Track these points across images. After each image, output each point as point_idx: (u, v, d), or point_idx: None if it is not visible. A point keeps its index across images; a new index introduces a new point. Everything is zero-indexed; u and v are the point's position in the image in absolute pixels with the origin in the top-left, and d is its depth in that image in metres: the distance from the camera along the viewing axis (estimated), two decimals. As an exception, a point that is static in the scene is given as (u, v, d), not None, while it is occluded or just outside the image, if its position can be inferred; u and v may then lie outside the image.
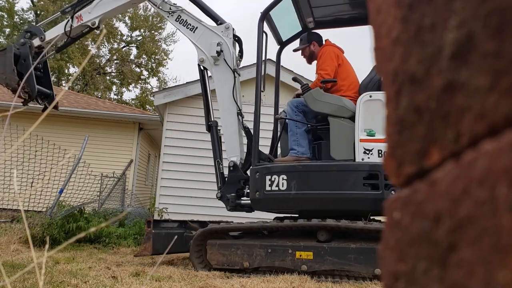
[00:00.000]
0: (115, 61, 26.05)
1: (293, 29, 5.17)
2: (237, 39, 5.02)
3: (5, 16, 23.42)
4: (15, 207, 8.73)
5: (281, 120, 4.74)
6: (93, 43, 22.28)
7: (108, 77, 26.17)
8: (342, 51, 4.62)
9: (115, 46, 25.64)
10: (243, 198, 4.71)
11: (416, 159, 0.31)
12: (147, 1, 5.30)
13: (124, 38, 25.79)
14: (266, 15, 4.57)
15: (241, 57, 5.11)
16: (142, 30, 25.81)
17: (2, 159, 1.09)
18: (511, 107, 0.24)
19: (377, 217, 4.24)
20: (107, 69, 26.01)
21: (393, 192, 3.61)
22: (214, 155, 4.95)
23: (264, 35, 4.69)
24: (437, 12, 0.29)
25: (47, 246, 0.99)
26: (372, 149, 3.94)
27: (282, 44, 5.38)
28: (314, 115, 4.43)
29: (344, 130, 4.10)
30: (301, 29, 5.11)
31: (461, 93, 0.27)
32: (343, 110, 4.15)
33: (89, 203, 7.41)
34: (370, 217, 4.02)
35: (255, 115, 4.54)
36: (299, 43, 4.93)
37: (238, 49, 5.07)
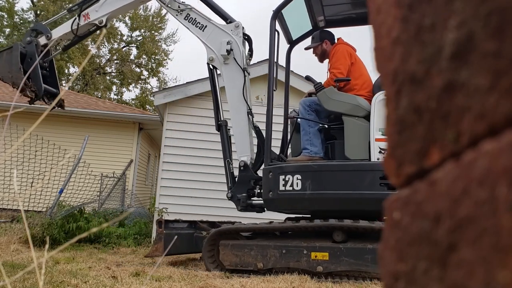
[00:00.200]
0: (115, 61, 26.05)
1: (303, 28, 5.11)
2: (246, 38, 4.98)
3: (5, 16, 23.41)
4: (15, 207, 8.72)
5: (292, 120, 4.69)
6: (93, 43, 22.28)
7: (108, 77, 26.17)
8: (354, 49, 4.57)
9: (115, 46, 25.64)
10: (253, 198, 4.66)
11: (416, 159, 0.31)
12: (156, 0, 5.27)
13: (124, 38, 25.79)
14: (278, 13, 4.51)
15: (251, 56, 5.06)
16: (142, 30, 25.81)
17: (2, 159, 1.09)
18: (511, 107, 0.24)
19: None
20: (107, 69, 26.00)
21: None
22: (224, 154, 4.89)
23: (276, 33, 4.62)
24: (437, 12, 0.29)
25: (47, 246, 0.99)
26: None
27: (292, 43, 5.30)
28: (327, 114, 4.38)
29: (359, 130, 4.06)
30: (311, 28, 5.05)
31: (461, 93, 0.27)
32: (357, 109, 4.11)
33: (89, 203, 7.41)
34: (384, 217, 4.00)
35: (267, 114, 4.49)
36: (311, 41, 4.87)
37: (247, 47, 5.02)
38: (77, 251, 5.45)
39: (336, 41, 4.70)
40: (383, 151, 3.92)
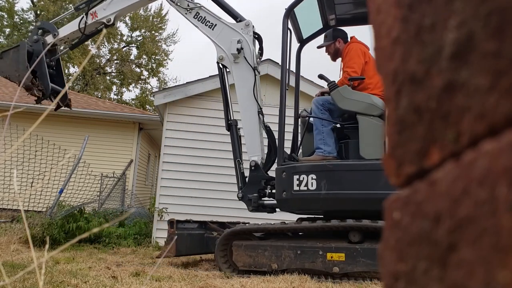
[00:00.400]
0: (115, 61, 26.05)
1: (313, 27, 5.04)
2: (257, 37, 4.94)
3: (5, 16, 23.42)
4: (15, 207, 8.73)
5: (303, 119, 4.62)
6: (93, 43, 22.27)
7: (108, 77, 26.17)
8: (368, 48, 4.52)
9: (115, 46, 25.64)
10: (264, 199, 4.61)
11: (416, 159, 0.31)
12: None
13: (124, 38, 25.80)
14: (291, 11, 4.46)
15: (261, 55, 5.01)
16: (142, 31, 25.81)
17: (2, 159, 1.08)
18: (511, 107, 0.24)
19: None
20: (107, 69, 26.00)
21: None
22: (234, 154, 4.83)
23: (288, 31, 4.56)
24: (437, 12, 0.29)
25: (47, 246, 0.99)
26: None
27: (303, 42, 5.23)
28: (341, 113, 4.33)
29: (374, 129, 4.01)
30: (322, 26, 4.98)
31: (461, 93, 0.27)
32: (372, 108, 4.06)
33: (89, 203, 7.41)
34: None
35: (280, 114, 4.43)
36: (323, 39, 4.82)
37: (257, 46, 4.98)
38: (77, 251, 5.45)
39: (349, 39, 4.65)
40: None
